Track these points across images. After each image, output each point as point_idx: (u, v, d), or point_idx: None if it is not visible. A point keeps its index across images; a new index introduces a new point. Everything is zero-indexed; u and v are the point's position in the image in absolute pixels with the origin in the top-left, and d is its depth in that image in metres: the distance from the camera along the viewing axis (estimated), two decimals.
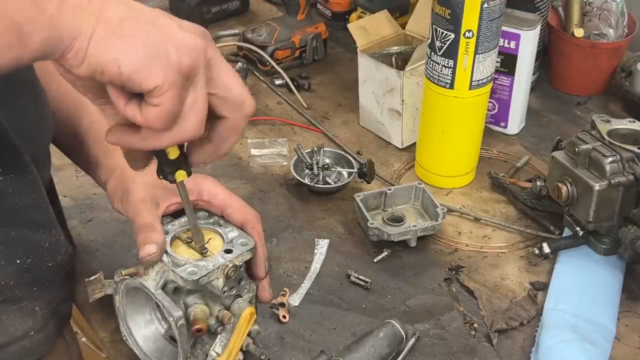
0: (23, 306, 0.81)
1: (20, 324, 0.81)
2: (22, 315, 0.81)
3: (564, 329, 0.91)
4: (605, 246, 1.01)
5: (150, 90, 0.57)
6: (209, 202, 0.83)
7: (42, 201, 0.81)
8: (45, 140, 0.85)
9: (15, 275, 0.79)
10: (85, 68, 0.56)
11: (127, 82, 0.57)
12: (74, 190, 1.13)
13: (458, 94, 1.09)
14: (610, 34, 1.37)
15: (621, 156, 0.96)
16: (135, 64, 0.56)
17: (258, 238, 0.81)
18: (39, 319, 0.83)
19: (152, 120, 0.59)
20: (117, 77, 0.56)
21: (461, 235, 1.09)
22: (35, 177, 0.79)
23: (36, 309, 0.82)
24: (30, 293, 0.81)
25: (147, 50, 0.56)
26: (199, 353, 0.80)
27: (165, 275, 0.76)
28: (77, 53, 0.55)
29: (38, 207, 0.81)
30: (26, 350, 0.82)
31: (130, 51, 0.56)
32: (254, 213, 0.83)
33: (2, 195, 0.76)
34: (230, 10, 1.64)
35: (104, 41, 0.55)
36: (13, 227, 0.78)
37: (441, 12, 1.04)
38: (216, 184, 0.84)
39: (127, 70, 0.56)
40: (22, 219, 0.78)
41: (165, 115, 0.59)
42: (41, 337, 0.83)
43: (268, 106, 1.38)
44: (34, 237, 0.80)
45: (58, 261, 0.84)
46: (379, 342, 0.87)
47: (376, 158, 1.23)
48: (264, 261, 0.82)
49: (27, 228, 0.79)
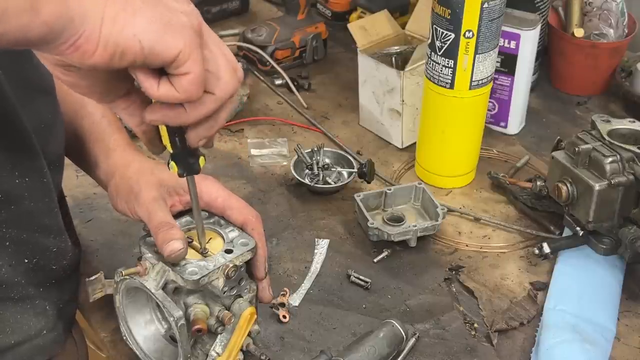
0: (36, 304, 0.81)
1: (34, 322, 0.81)
2: (36, 314, 0.81)
3: (564, 329, 0.91)
4: (605, 246, 1.01)
5: (174, 59, 0.55)
6: (208, 204, 0.83)
7: (53, 206, 0.81)
8: (58, 145, 0.85)
9: (25, 274, 0.79)
10: (101, 52, 0.53)
11: (149, 57, 0.55)
12: (74, 190, 1.13)
13: (458, 94, 1.09)
14: (610, 34, 1.37)
15: (621, 156, 0.96)
16: (154, 36, 0.54)
17: (258, 238, 0.81)
18: (50, 318, 0.83)
19: (190, 89, 0.57)
20: (139, 54, 0.54)
21: (461, 235, 1.09)
22: (49, 182, 0.79)
23: (47, 308, 0.83)
24: (39, 292, 0.81)
25: (160, 21, 0.55)
26: (199, 353, 0.80)
27: (166, 275, 0.76)
28: (89, 37, 0.53)
29: (50, 212, 0.81)
30: (39, 348, 0.82)
31: (146, 25, 0.54)
32: (255, 214, 0.83)
33: (18, 199, 0.76)
34: (230, 10, 1.64)
35: (118, 20, 0.53)
36: (25, 230, 0.78)
37: (441, 12, 1.04)
38: (216, 184, 0.84)
39: (148, 44, 0.54)
40: (34, 223, 0.79)
41: (199, 79, 0.57)
42: (53, 336, 0.84)
43: (268, 106, 1.38)
44: (43, 241, 0.80)
45: (63, 265, 0.84)
46: (379, 342, 0.87)
47: (376, 158, 1.23)
48: (264, 262, 0.82)
49: (38, 232, 0.79)
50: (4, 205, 0.75)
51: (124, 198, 0.83)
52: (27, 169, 0.76)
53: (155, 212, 0.79)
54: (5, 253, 0.77)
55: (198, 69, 0.57)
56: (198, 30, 0.57)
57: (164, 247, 0.75)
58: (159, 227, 0.77)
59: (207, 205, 0.83)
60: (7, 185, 0.75)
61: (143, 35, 0.54)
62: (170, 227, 0.77)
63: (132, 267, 0.77)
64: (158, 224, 0.77)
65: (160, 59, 0.55)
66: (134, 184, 0.82)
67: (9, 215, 0.75)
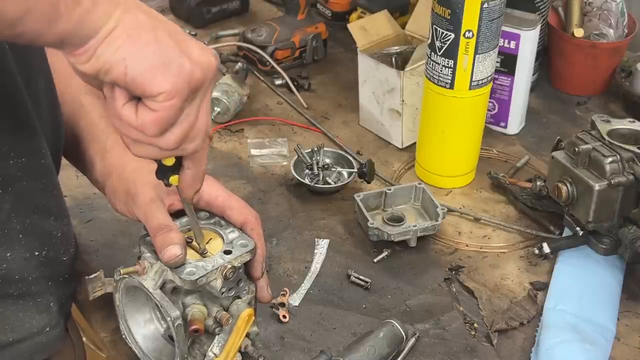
0: (39, 302, 0.80)
1: (37, 320, 0.80)
2: (39, 312, 0.80)
3: (564, 329, 0.91)
4: (605, 246, 1.01)
5: (154, 96, 0.58)
6: (208, 204, 0.83)
7: (52, 187, 0.80)
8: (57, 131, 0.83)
9: (36, 268, 0.78)
10: (90, 66, 0.57)
11: (130, 84, 0.58)
12: (74, 190, 1.13)
13: (458, 94, 1.09)
14: (610, 34, 1.37)
15: (621, 156, 0.96)
16: (143, 68, 0.57)
17: (257, 239, 0.81)
18: (54, 314, 0.82)
19: (147, 124, 0.60)
20: (121, 78, 0.57)
21: (461, 235, 1.09)
22: (48, 163, 0.78)
23: (51, 304, 0.81)
24: (46, 288, 0.80)
25: (158, 58, 0.57)
26: (197, 353, 0.80)
27: (164, 275, 0.76)
28: (87, 51, 0.57)
29: (48, 193, 0.79)
30: (41, 346, 0.81)
31: (140, 55, 0.57)
32: (254, 214, 0.83)
33: (13, 179, 0.74)
34: (230, 10, 1.64)
35: (116, 43, 0.57)
36: (27, 214, 0.76)
37: (441, 12, 1.04)
38: (216, 184, 0.84)
39: (132, 72, 0.57)
40: (32, 204, 0.77)
41: (162, 121, 0.59)
42: (56, 332, 0.82)
43: (268, 106, 1.38)
44: (46, 226, 0.79)
45: (70, 254, 0.83)
46: (379, 342, 0.87)
47: (376, 158, 1.23)
48: (262, 262, 0.82)
49: (37, 214, 0.77)
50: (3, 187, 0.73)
51: (122, 199, 0.82)
52: (24, 149, 0.75)
53: (153, 214, 0.78)
54: (20, 245, 0.75)
55: (167, 113, 0.59)
56: (194, 84, 0.60)
57: (163, 252, 0.75)
58: (157, 230, 0.76)
59: (207, 205, 0.83)
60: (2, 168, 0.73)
61: (131, 63, 0.57)
62: (168, 230, 0.76)
63: (131, 266, 0.77)
64: (156, 227, 0.77)
65: (141, 90, 0.58)
66: (130, 185, 0.81)
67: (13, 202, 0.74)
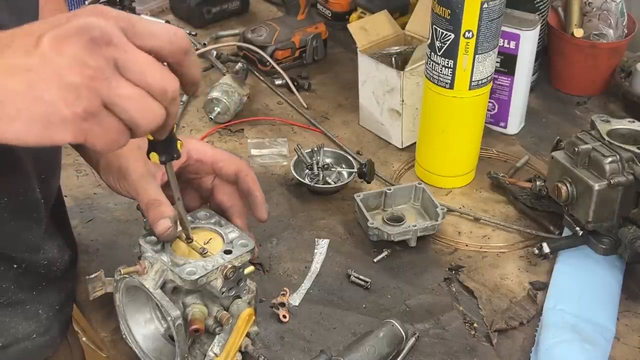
0: (27, 309, 0.81)
1: (23, 326, 0.81)
2: (26, 319, 0.81)
3: (564, 329, 0.91)
4: (605, 246, 1.01)
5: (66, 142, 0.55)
6: (199, 161, 0.84)
7: (39, 220, 0.79)
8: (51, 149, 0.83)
9: (14, 279, 0.79)
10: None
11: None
12: (74, 190, 1.13)
13: (458, 94, 1.09)
14: (610, 34, 1.37)
15: (621, 156, 0.96)
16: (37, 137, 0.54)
17: (252, 183, 0.85)
18: (44, 322, 0.82)
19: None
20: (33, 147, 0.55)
21: (461, 235, 1.09)
22: (36, 198, 0.78)
23: (39, 312, 0.82)
24: (31, 296, 0.81)
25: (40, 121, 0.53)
26: (198, 353, 0.80)
27: (165, 275, 0.76)
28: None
29: (35, 228, 0.79)
30: (27, 351, 0.82)
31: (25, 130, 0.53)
32: (245, 162, 0.87)
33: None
34: (230, 10, 1.64)
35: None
36: (11, 250, 0.77)
37: (441, 12, 1.04)
38: (203, 143, 0.87)
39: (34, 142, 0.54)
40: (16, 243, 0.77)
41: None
42: (45, 340, 0.83)
43: (268, 106, 1.38)
44: (30, 257, 0.80)
45: (55, 269, 0.84)
46: (379, 341, 0.87)
47: (376, 158, 1.23)
48: (264, 203, 0.86)
49: (22, 251, 0.78)
50: None
51: (115, 176, 0.82)
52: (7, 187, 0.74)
53: (145, 189, 0.78)
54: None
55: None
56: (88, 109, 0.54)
57: (156, 226, 0.75)
58: (149, 205, 0.77)
59: (198, 162, 0.85)
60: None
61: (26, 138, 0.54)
62: (159, 204, 0.76)
63: (132, 266, 0.77)
64: (148, 201, 0.77)
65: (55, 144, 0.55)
66: (122, 160, 0.81)
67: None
